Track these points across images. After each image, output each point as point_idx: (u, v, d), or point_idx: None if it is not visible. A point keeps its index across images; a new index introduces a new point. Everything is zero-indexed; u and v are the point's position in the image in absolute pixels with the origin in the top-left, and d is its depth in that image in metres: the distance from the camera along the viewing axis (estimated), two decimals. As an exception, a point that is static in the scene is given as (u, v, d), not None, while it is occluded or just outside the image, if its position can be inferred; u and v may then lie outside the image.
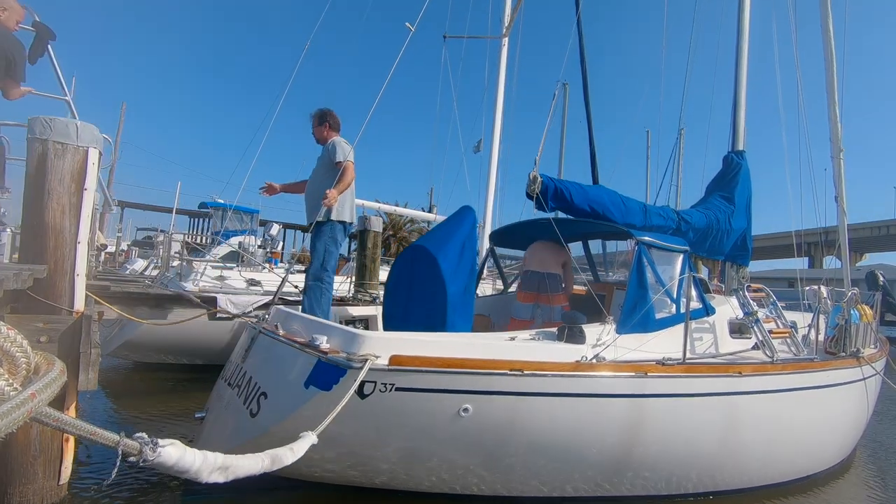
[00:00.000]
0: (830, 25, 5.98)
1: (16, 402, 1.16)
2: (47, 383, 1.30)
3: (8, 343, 1.38)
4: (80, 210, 2.79)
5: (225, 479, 1.83)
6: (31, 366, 1.46)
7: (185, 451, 1.65)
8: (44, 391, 1.27)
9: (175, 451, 1.61)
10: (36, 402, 1.20)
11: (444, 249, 3.64)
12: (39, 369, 1.46)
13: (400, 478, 2.98)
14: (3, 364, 1.37)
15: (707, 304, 3.98)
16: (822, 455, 4.09)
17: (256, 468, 1.95)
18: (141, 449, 1.51)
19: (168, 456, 1.58)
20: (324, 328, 2.91)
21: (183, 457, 1.63)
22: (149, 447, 1.52)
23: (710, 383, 3.23)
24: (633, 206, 4.37)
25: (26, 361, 1.44)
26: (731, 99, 5.55)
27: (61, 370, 1.45)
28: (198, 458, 1.69)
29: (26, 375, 1.43)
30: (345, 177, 4.03)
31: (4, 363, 1.38)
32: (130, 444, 1.49)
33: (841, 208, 6.37)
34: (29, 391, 1.22)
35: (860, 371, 4.18)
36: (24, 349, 1.43)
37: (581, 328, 3.09)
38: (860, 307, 4.54)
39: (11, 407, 1.14)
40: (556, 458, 2.93)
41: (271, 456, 2.00)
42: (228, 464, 1.82)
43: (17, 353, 1.41)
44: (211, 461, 1.74)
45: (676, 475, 3.30)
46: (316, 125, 4.41)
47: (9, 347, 1.38)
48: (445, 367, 2.62)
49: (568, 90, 17.24)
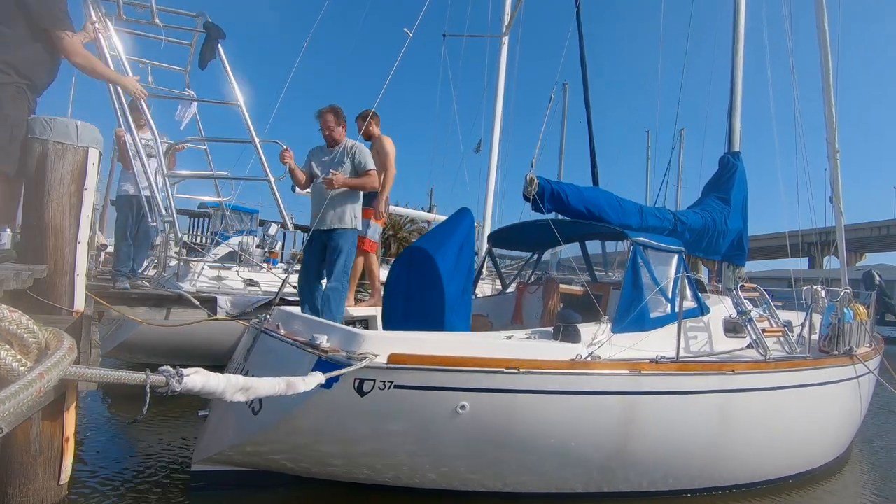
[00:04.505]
0: (826, 25, 6.02)
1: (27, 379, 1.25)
2: (56, 361, 1.39)
3: (13, 326, 1.44)
4: (80, 210, 2.80)
5: (246, 398, 2.00)
6: (42, 343, 1.54)
7: (209, 376, 1.79)
8: (53, 369, 1.36)
9: (199, 377, 1.75)
10: (45, 381, 1.29)
11: (441, 250, 3.68)
12: (50, 346, 1.54)
13: (398, 475, 3.03)
14: (14, 345, 1.44)
15: (702, 303, 4.02)
16: (815, 452, 4.13)
17: (274, 390, 2.11)
18: (167, 381, 1.64)
19: (194, 382, 1.72)
20: (324, 328, 2.96)
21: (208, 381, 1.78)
22: (174, 378, 1.65)
23: (704, 381, 3.27)
24: (629, 207, 4.41)
25: (35, 340, 1.51)
26: (727, 100, 5.59)
27: (70, 346, 1.53)
28: (221, 381, 1.84)
29: (38, 353, 1.51)
30: (368, 179, 3.97)
31: (15, 344, 1.45)
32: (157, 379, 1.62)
33: (837, 208, 6.41)
34: (38, 369, 1.31)
35: (853, 369, 4.22)
36: (30, 330, 1.50)
37: (576, 327, 3.14)
38: (854, 306, 4.58)
39: (23, 385, 1.22)
40: (551, 455, 2.98)
41: (287, 381, 2.18)
42: (249, 385, 1.98)
43: (25, 333, 1.48)
44: (234, 382, 1.89)
45: (671, 472, 3.34)
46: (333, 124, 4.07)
47: (15, 329, 1.45)
48: (443, 365, 2.66)
49: (568, 90, 17.27)
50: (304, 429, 2.77)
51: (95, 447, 3.84)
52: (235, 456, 3.03)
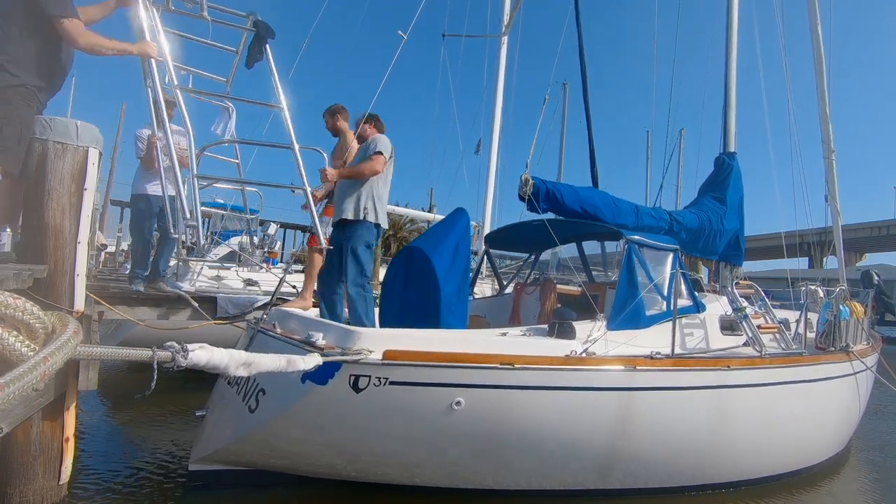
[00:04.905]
0: (818, 24, 6.05)
1: (34, 361, 1.31)
2: (62, 344, 1.45)
3: (19, 312, 1.50)
4: (80, 210, 2.82)
5: (248, 373, 2.04)
6: (49, 327, 1.59)
7: (213, 351, 1.84)
8: (58, 352, 1.41)
9: (204, 353, 1.80)
10: (49, 364, 1.34)
11: (438, 250, 3.70)
12: (56, 329, 1.59)
13: (395, 471, 3.04)
14: (22, 331, 1.50)
15: (697, 300, 4.04)
16: (813, 449, 4.14)
17: (275, 366, 2.16)
18: (173, 357, 1.69)
19: (199, 357, 1.77)
20: (320, 326, 2.98)
21: (212, 357, 1.83)
22: (180, 354, 1.71)
23: (699, 377, 3.28)
24: (624, 206, 4.44)
25: (42, 326, 1.57)
26: (722, 101, 5.62)
27: (75, 330, 1.58)
28: (225, 356, 1.89)
29: (45, 337, 1.57)
30: (367, 163, 3.66)
31: (23, 330, 1.50)
32: (163, 355, 1.67)
33: (834, 208, 6.43)
34: (43, 353, 1.36)
35: (850, 366, 4.23)
36: (36, 315, 1.56)
37: (571, 324, 3.16)
38: (850, 303, 4.60)
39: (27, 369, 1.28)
40: (547, 451, 2.99)
41: (287, 359, 2.22)
42: (251, 360, 2.03)
43: (31, 319, 1.54)
44: (237, 357, 1.94)
45: (667, 468, 3.35)
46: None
47: (21, 316, 1.50)
48: (438, 361, 2.68)
49: (568, 90, 17.28)
50: (301, 426, 2.79)
51: (95, 447, 3.86)
52: (233, 455, 3.05)
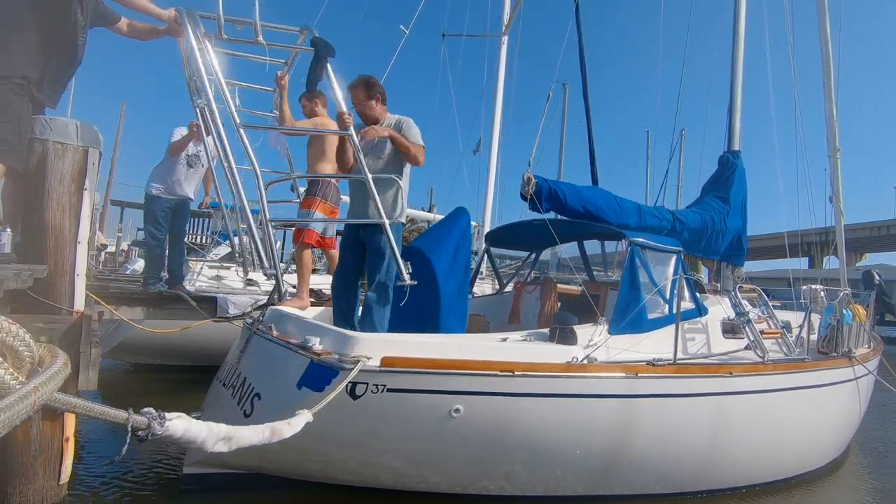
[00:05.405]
0: (826, 24, 6.01)
1: (19, 395, 1.22)
2: (50, 376, 1.37)
3: (10, 338, 1.43)
4: (79, 210, 2.80)
5: (228, 448, 1.92)
6: (36, 358, 1.52)
7: (191, 423, 1.74)
8: (47, 384, 1.34)
9: (181, 423, 1.70)
10: (39, 395, 1.27)
11: (438, 250, 3.68)
12: (44, 361, 1.52)
13: (393, 478, 3.01)
14: (8, 358, 1.42)
15: (700, 304, 4.01)
16: (814, 454, 4.12)
17: (257, 439, 2.04)
18: (149, 423, 1.60)
19: (175, 429, 1.67)
20: (317, 329, 2.93)
21: (189, 429, 1.73)
22: (157, 421, 1.62)
23: (701, 383, 3.26)
24: (627, 206, 4.40)
25: (30, 354, 1.50)
26: (728, 99, 5.58)
27: (65, 362, 1.52)
28: (203, 430, 1.79)
29: (31, 368, 1.49)
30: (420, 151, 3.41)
31: (9, 357, 1.43)
32: (139, 420, 1.58)
33: (837, 208, 6.40)
34: (32, 384, 1.28)
35: (852, 371, 4.21)
36: (26, 343, 1.49)
37: (572, 329, 3.11)
38: (853, 307, 4.57)
39: (15, 400, 1.20)
40: (547, 459, 2.96)
41: (271, 428, 2.10)
42: (232, 434, 1.92)
43: (20, 346, 1.46)
44: (216, 432, 1.84)
45: (669, 475, 3.33)
46: (364, 98, 3.50)
47: (11, 342, 1.43)
48: (436, 368, 2.64)
49: (568, 90, 17.24)
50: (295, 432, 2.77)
51: (95, 447, 3.85)
52: (227, 458, 3.03)
